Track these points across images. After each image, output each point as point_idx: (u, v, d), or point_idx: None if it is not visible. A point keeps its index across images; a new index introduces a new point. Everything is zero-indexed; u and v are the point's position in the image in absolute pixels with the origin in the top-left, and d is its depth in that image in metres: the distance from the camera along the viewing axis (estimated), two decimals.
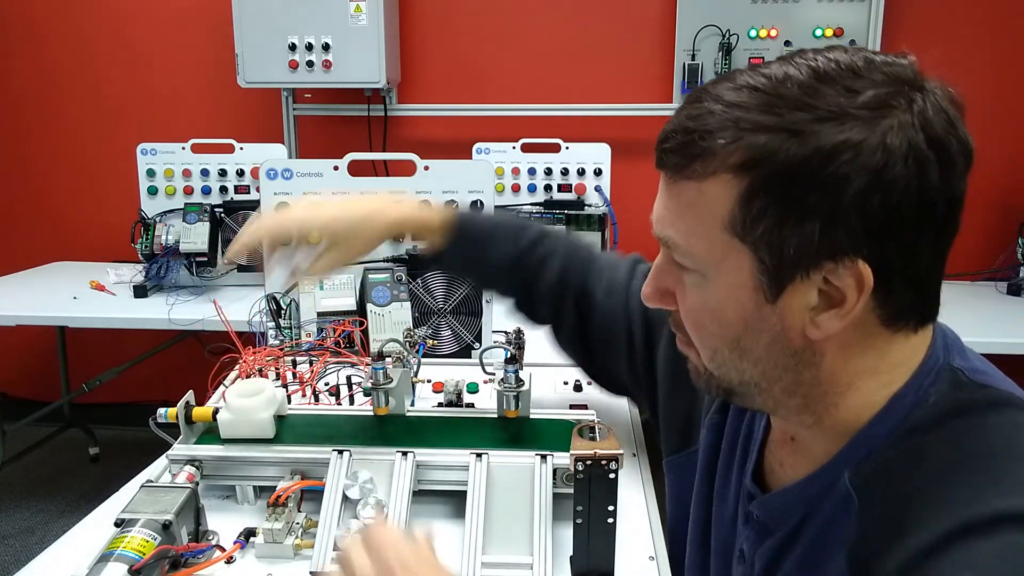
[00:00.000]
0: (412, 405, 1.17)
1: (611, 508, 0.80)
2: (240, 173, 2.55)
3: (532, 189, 2.47)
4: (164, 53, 2.97)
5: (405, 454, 0.95)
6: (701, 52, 2.62)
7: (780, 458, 0.74)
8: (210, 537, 0.90)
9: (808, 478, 0.67)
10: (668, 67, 2.71)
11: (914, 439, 0.60)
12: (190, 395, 1.03)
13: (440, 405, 1.20)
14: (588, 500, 0.79)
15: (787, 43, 2.57)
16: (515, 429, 1.02)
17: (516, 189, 2.48)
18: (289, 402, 1.13)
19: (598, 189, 2.43)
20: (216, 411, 1.01)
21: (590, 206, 2.41)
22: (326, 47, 2.55)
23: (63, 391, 2.99)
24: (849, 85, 0.55)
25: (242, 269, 2.38)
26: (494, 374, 1.06)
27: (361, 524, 0.88)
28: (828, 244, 0.56)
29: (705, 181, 0.59)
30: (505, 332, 1.49)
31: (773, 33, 2.58)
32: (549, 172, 2.46)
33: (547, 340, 1.14)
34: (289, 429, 1.03)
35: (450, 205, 1.09)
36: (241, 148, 2.56)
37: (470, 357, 1.50)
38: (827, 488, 0.64)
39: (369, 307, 1.42)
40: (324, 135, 2.95)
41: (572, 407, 1.21)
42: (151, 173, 2.55)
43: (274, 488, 0.93)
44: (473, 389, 1.26)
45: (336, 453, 0.95)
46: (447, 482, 0.96)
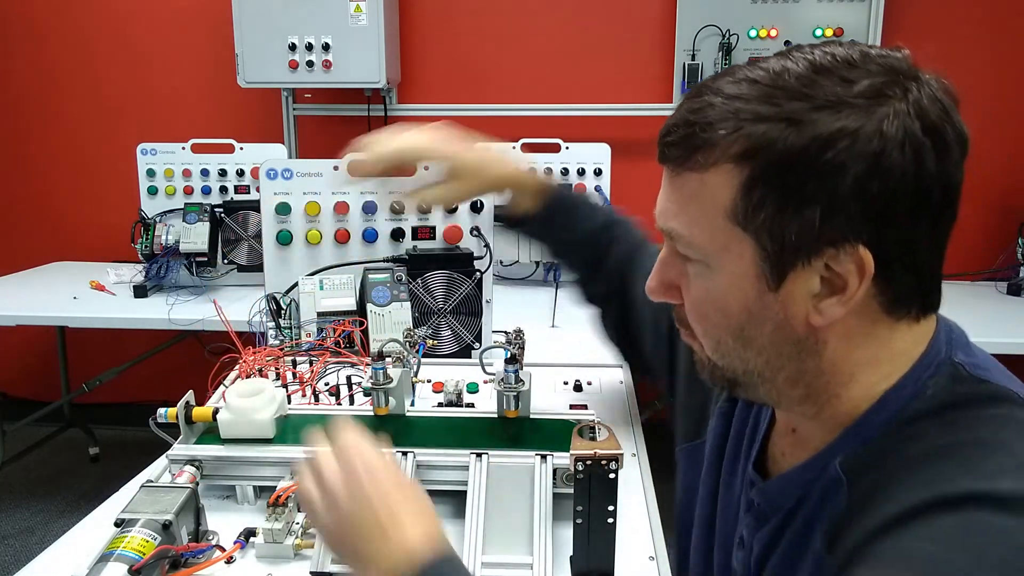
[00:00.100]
0: (412, 405, 1.17)
1: (611, 508, 0.80)
2: (240, 173, 2.56)
3: None
4: (164, 53, 2.97)
5: (405, 454, 0.95)
6: (701, 52, 2.62)
7: (782, 448, 0.75)
8: (210, 537, 0.90)
9: (804, 464, 0.68)
10: (668, 67, 2.71)
11: (907, 428, 0.61)
12: (190, 395, 1.03)
13: (440, 405, 1.20)
14: (588, 500, 0.79)
15: (787, 43, 2.57)
16: (515, 429, 1.02)
17: None
18: (289, 402, 1.13)
19: (598, 189, 2.43)
20: (216, 411, 1.01)
21: None
22: (326, 47, 2.55)
23: (63, 391, 2.99)
24: (845, 76, 0.57)
25: (242, 269, 2.38)
26: (494, 374, 1.06)
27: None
28: (828, 230, 0.57)
29: (707, 172, 0.60)
30: (505, 332, 1.49)
31: (773, 33, 2.58)
32: (550, 172, 2.46)
33: (593, 325, 1.18)
34: (289, 429, 1.03)
35: (547, 174, 1.17)
36: (241, 148, 2.56)
37: (470, 357, 1.50)
38: (820, 473, 0.65)
39: (369, 307, 1.42)
40: (324, 135, 2.95)
41: (572, 407, 1.21)
42: (151, 173, 2.55)
43: (274, 488, 0.93)
44: (473, 389, 1.26)
45: None
46: (447, 482, 0.96)
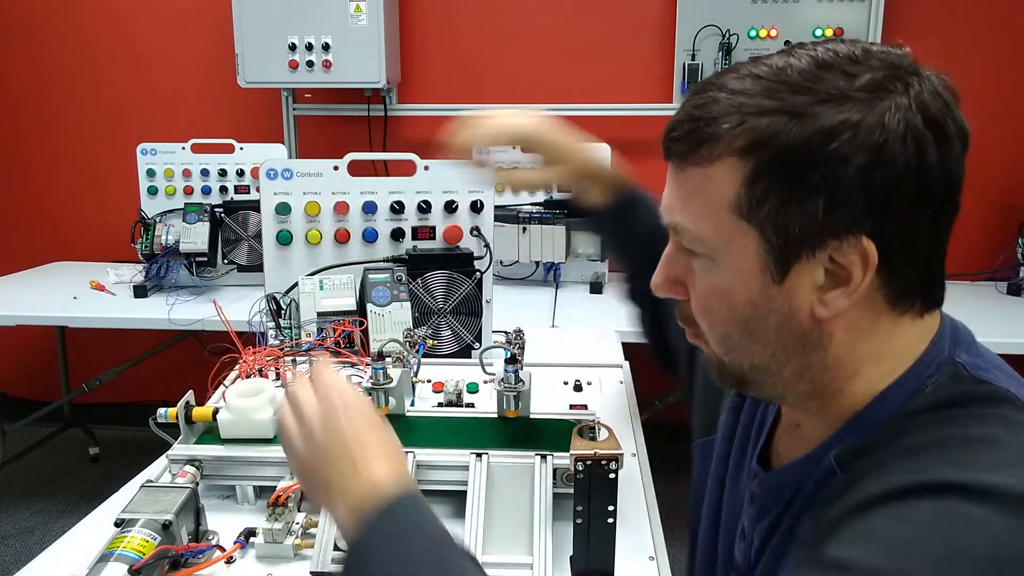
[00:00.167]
0: (412, 405, 1.17)
1: (611, 508, 0.80)
2: (240, 173, 2.56)
3: None
4: (164, 53, 2.97)
5: (405, 454, 0.95)
6: (701, 52, 2.62)
7: (785, 443, 0.76)
8: (210, 537, 0.90)
9: (803, 458, 0.68)
10: (668, 67, 2.71)
11: (904, 423, 0.62)
12: (190, 395, 1.03)
13: (440, 405, 1.20)
14: (588, 500, 0.79)
15: (787, 43, 2.56)
16: (515, 429, 1.02)
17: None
18: None
19: None
20: (216, 411, 1.01)
21: None
22: (326, 47, 2.55)
23: (63, 391, 2.99)
24: (848, 71, 0.58)
25: (242, 269, 2.38)
26: (494, 374, 1.06)
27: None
28: (832, 222, 0.57)
29: (711, 166, 0.60)
30: (505, 332, 1.49)
31: (773, 33, 2.58)
32: None
33: (635, 324, 1.18)
34: None
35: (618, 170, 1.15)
36: (241, 148, 2.56)
37: (470, 357, 1.50)
38: (816, 466, 0.66)
39: (369, 307, 1.42)
40: (324, 135, 2.95)
41: (572, 407, 1.21)
42: (151, 173, 2.55)
43: (274, 488, 0.93)
44: (473, 389, 1.26)
45: None
46: (447, 482, 0.96)
